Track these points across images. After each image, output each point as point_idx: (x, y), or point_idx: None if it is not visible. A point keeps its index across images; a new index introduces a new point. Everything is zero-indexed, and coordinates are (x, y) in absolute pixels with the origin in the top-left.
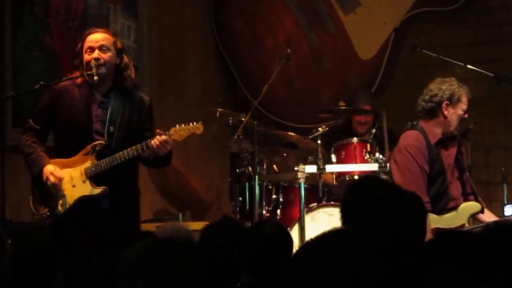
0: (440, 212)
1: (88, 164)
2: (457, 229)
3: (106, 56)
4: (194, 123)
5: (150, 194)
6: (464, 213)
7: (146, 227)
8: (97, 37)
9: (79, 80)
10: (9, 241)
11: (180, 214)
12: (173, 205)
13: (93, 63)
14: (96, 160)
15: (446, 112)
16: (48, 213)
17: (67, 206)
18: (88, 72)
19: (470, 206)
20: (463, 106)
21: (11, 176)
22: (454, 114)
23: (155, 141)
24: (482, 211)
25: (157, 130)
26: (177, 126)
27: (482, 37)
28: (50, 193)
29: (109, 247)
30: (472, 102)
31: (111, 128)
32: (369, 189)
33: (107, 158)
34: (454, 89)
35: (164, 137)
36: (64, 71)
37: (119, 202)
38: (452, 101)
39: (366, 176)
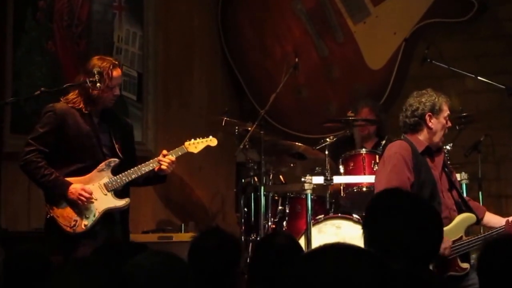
0: None
1: (105, 179)
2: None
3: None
4: (210, 137)
5: (152, 203)
6: (461, 225)
7: (148, 237)
8: (119, 74)
9: (77, 105)
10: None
11: (183, 225)
12: (176, 216)
13: (114, 97)
14: (112, 175)
15: (430, 124)
16: (84, 228)
17: (94, 218)
18: (91, 79)
19: (466, 218)
20: (444, 114)
21: (8, 184)
22: (438, 123)
23: (166, 160)
24: (477, 222)
25: (163, 151)
26: (190, 140)
27: (493, 48)
28: (75, 209)
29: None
30: (483, 114)
31: (117, 146)
32: (391, 201)
33: (125, 172)
34: (434, 99)
35: (172, 158)
36: (66, 76)
37: (124, 214)
38: (434, 111)
39: (390, 189)
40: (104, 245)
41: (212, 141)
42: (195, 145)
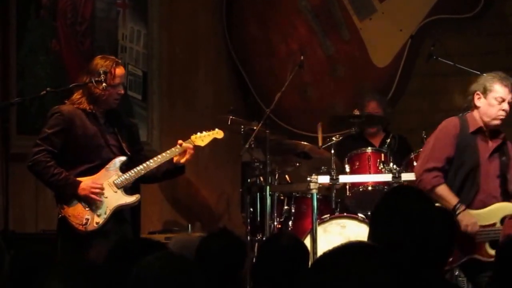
0: (469, 204)
1: (114, 177)
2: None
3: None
4: (216, 129)
5: (159, 204)
6: (497, 212)
7: (155, 238)
8: (123, 72)
9: (82, 106)
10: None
11: (190, 225)
12: (182, 216)
13: (118, 96)
14: (121, 173)
15: (477, 102)
16: (96, 226)
17: (105, 215)
18: (97, 79)
19: (504, 207)
20: (495, 95)
21: (15, 185)
22: (486, 104)
23: (187, 145)
24: None
25: (179, 141)
26: (197, 133)
27: (499, 45)
28: (86, 207)
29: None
30: None
31: (124, 145)
32: (399, 201)
33: (134, 169)
34: (488, 78)
35: (191, 145)
36: (71, 76)
37: (134, 213)
38: (483, 90)
39: (398, 187)
40: (118, 245)
41: (219, 134)
42: (202, 139)
